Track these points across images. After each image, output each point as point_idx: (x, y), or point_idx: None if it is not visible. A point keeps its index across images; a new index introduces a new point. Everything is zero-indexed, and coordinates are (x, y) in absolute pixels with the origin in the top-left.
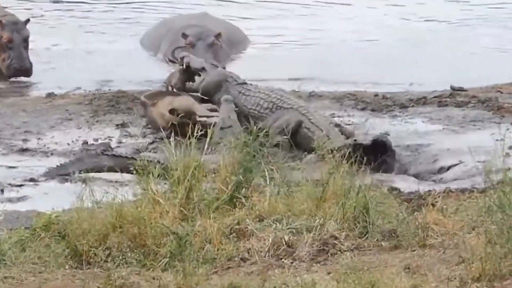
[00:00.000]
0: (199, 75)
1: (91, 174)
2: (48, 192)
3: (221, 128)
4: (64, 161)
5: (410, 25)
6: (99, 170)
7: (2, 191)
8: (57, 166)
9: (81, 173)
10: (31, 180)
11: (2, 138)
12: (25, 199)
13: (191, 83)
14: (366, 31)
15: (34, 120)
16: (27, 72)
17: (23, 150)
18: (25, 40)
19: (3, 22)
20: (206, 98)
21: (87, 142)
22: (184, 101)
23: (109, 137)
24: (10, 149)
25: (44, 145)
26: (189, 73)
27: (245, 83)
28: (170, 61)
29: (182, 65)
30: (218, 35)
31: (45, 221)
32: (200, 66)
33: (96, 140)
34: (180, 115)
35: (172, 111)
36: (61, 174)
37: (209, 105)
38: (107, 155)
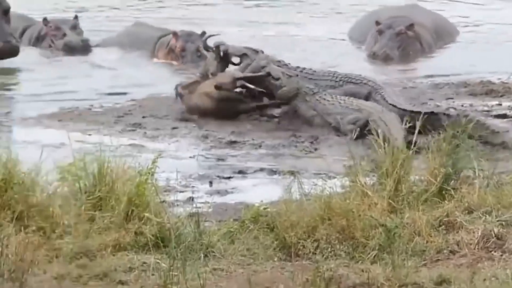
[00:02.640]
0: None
1: None
2: (257, 184)
3: (289, 76)
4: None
5: None
6: None
7: (211, 183)
8: None
9: None
10: (240, 172)
11: (211, 130)
12: (233, 191)
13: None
14: None
15: None
16: None
17: (232, 143)
18: (198, 50)
19: (178, 33)
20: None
21: (295, 135)
22: (225, 75)
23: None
24: (218, 141)
25: (252, 138)
26: (226, 61)
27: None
28: (205, 49)
29: (219, 53)
30: (410, 26)
31: (253, 213)
32: (240, 52)
33: None
34: (227, 88)
35: (217, 87)
36: None
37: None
38: None
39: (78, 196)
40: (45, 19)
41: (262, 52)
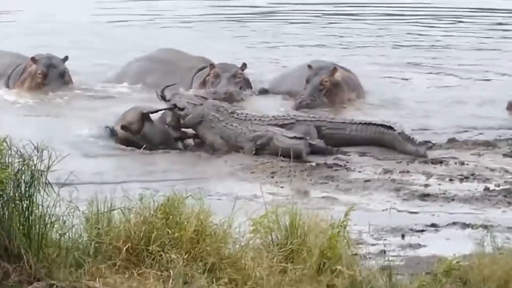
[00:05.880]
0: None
1: None
2: (449, 237)
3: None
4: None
5: None
6: None
7: (403, 236)
8: None
9: None
10: (432, 225)
11: (404, 184)
12: (426, 244)
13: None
14: None
15: None
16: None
17: (424, 196)
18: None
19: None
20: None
21: (488, 188)
22: (133, 114)
23: None
24: (411, 194)
25: (445, 191)
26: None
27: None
28: (162, 97)
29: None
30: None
31: (446, 266)
32: (182, 106)
33: None
34: (132, 129)
35: (123, 127)
36: None
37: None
38: None
39: (270, 248)
40: (211, 65)
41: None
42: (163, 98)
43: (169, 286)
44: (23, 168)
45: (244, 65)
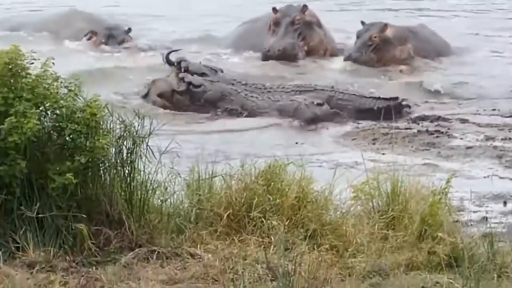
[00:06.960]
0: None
1: None
2: None
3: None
4: None
5: None
6: None
7: (505, 203)
8: None
9: None
10: None
11: (506, 151)
12: None
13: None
14: None
15: None
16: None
17: None
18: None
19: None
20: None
21: None
22: (165, 85)
23: None
24: None
25: None
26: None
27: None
28: (167, 63)
29: (180, 69)
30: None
31: None
32: (200, 71)
33: None
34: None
35: (160, 95)
36: None
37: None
38: None
39: (371, 215)
40: (274, 9)
41: (222, 71)
42: (168, 63)
43: (270, 252)
44: (124, 134)
45: (305, 7)
